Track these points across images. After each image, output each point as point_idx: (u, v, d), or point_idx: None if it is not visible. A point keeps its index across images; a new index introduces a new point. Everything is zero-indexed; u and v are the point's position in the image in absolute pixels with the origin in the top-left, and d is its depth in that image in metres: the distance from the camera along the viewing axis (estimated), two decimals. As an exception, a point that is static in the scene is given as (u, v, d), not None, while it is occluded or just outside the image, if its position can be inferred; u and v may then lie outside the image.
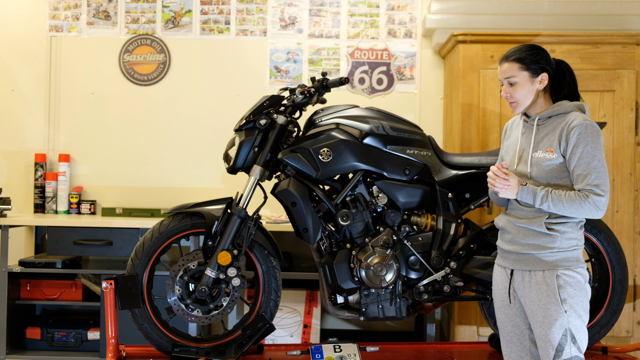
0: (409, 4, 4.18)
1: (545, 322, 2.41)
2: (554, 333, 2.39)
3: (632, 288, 3.55)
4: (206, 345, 2.93)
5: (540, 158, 2.47)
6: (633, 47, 3.60)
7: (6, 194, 3.95)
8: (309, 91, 2.89)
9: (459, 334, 3.63)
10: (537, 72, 2.51)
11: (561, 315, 2.39)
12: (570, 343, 2.39)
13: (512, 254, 2.52)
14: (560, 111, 2.50)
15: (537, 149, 2.49)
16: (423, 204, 2.95)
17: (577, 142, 2.40)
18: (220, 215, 2.86)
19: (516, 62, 2.51)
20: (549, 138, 2.48)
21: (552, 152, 2.45)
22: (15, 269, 3.69)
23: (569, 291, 2.41)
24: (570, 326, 2.40)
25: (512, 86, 2.52)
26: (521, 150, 2.55)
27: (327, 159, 2.85)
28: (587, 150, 2.40)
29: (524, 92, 2.51)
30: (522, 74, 2.50)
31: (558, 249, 2.44)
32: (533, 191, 2.42)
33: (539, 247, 2.45)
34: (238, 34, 4.20)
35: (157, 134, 4.19)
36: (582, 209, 2.38)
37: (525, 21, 3.80)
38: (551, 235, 2.44)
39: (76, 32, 4.22)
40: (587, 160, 2.40)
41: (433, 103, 4.18)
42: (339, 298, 2.93)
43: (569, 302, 2.40)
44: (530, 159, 2.50)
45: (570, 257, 2.45)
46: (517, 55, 2.52)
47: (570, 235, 2.46)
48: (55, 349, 3.77)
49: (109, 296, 2.86)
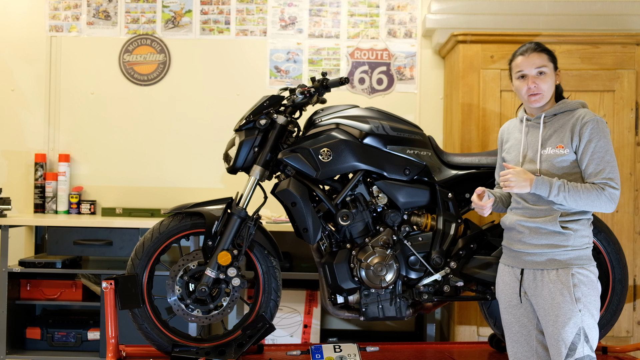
0: (409, 4, 4.18)
1: (558, 320, 2.40)
2: (568, 332, 2.39)
3: (632, 288, 3.55)
4: (206, 345, 2.93)
5: (551, 155, 2.48)
6: (633, 47, 3.60)
7: (6, 194, 3.95)
8: (309, 91, 2.89)
9: (459, 334, 3.63)
10: (556, 66, 2.56)
11: (575, 314, 2.39)
12: (584, 342, 2.40)
13: (522, 254, 2.52)
14: (567, 108, 2.53)
15: (546, 146, 2.50)
16: (423, 204, 2.95)
17: (591, 138, 2.43)
18: (220, 215, 2.86)
19: (545, 53, 2.53)
20: (558, 135, 2.49)
21: (564, 148, 2.46)
22: (15, 269, 3.69)
23: (583, 290, 2.41)
24: (584, 325, 2.40)
25: (541, 76, 2.51)
26: (525, 150, 2.56)
27: (327, 159, 2.85)
28: (600, 145, 2.43)
29: (550, 85, 2.53)
30: (551, 66, 2.53)
31: (572, 247, 2.44)
32: (549, 182, 2.41)
33: (552, 246, 2.45)
34: (238, 34, 4.20)
35: (157, 134, 4.19)
36: (598, 200, 2.39)
37: (525, 21, 3.80)
38: (565, 234, 2.44)
39: (76, 32, 4.22)
40: (601, 154, 2.42)
41: (433, 103, 4.18)
42: (339, 298, 2.93)
43: (582, 300, 2.40)
44: (539, 157, 2.50)
45: (584, 255, 2.46)
46: (543, 47, 2.54)
47: (583, 232, 2.48)
48: (55, 349, 3.77)
49: (109, 296, 2.86)
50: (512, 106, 3.58)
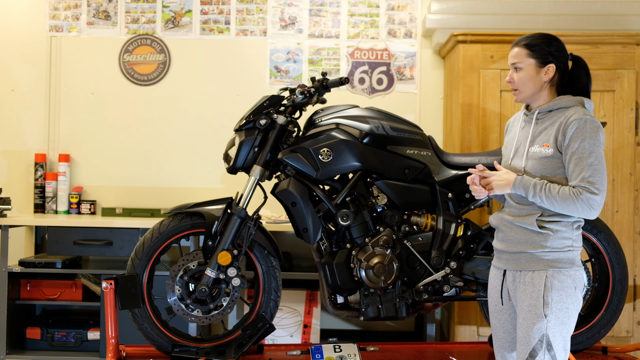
0: (409, 4, 4.18)
1: (524, 323, 2.32)
2: (531, 336, 2.29)
3: (632, 288, 3.55)
4: (206, 345, 2.93)
5: (536, 152, 2.38)
6: (633, 47, 3.60)
7: (6, 194, 3.95)
8: (309, 91, 2.89)
9: (459, 334, 3.63)
10: (544, 62, 2.42)
11: (540, 319, 2.29)
12: (545, 350, 2.28)
13: (504, 254, 2.44)
14: (561, 105, 2.40)
15: (534, 143, 2.40)
16: (423, 204, 2.95)
17: (574, 137, 2.30)
18: (220, 215, 2.86)
19: (525, 48, 2.43)
20: (546, 132, 2.39)
21: (548, 147, 2.36)
22: (15, 269, 3.69)
23: (553, 295, 2.30)
24: (549, 332, 2.29)
25: (517, 72, 2.44)
26: (518, 144, 2.47)
27: (327, 159, 2.85)
28: (583, 145, 2.29)
29: (527, 81, 2.42)
30: (529, 61, 2.42)
31: (551, 249, 2.33)
32: (528, 182, 2.32)
33: (530, 246, 2.35)
34: (238, 34, 4.20)
35: (157, 134, 4.19)
36: (574, 206, 2.27)
37: (525, 21, 3.80)
38: (543, 234, 2.34)
39: (76, 32, 4.22)
40: (582, 156, 2.28)
41: (433, 103, 4.18)
42: (339, 298, 2.93)
43: (551, 306, 2.29)
44: (526, 153, 2.41)
45: (564, 258, 2.34)
46: (527, 42, 2.44)
47: (564, 234, 2.35)
48: (55, 349, 3.77)
49: (109, 296, 2.86)
50: (512, 106, 3.58)
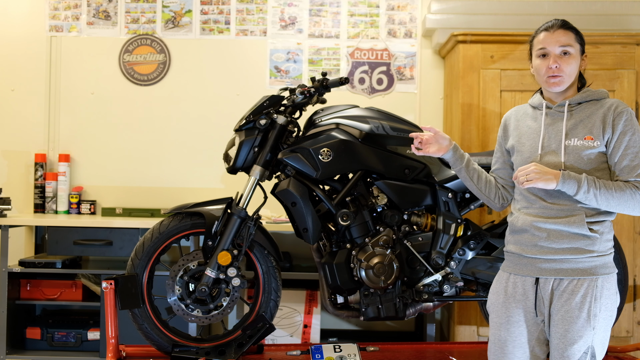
0: (409, 4, 4.18)
1: (567, 336, 2.15)
2: (575, 350, 2.14)
3: (632, 288, 3.55)
4: (206, 345, 2.93)
5: (578, 146, 2.19)
6: (633, 47, 3.60)
7: (6, 194, 3.95)
8: (309, 91, 2.89)
9: (459, 334, 3.63)
10: (583, 50, 2.30)
11: (587, 332, 2.14)
12: None
13: (538, 260, 2.21)
14: (593, 97, 2.26)
15: (572, 137, 2.21)
16: (423, 204, 2.95)
17: (625, 130, 2.17)
18: (220, 215, 2.86)
19: (572, 32, 2.26)
20: (585, 125, 2.21)
21: (593, 140, 2.18)
22: (15, 269, 3.69)
23: (603, 304, 2.15)
24: (595, 343, 2.15)
25: (565, 57, 2.24)
26: (547, 140, 2.26)
27: (327, 159, 2.85)
28: (635, 138, 2.17)
29: (574, 68, 2.25)
30: (577, 47, 2.26)
31: (598, 253, 2.16)
32: (577, 178, 2.12)
33: (575, 251, 2.16)
34: (238, 34, 4.20)
35: (157, 134, 4.19)
36: (632, 200, 2.12)
37: (525, 21, 3.80)
38: (590, 237, 2.15)
39: (76, 32, 4.22)
40: (636, 149, 2.16)
41: (433, 103, 4.18)
42: (339, 298, 2.93)
43: (599, 317, 2.15)
44: (563, 148, 2.20)
45: (609, 262, 2.19)
46: (571, 25, 2.26)
47: (608, 236, 2.21)
48: (55, 349, 3.77)
49: (109, 296, 2.86)
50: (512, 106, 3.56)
